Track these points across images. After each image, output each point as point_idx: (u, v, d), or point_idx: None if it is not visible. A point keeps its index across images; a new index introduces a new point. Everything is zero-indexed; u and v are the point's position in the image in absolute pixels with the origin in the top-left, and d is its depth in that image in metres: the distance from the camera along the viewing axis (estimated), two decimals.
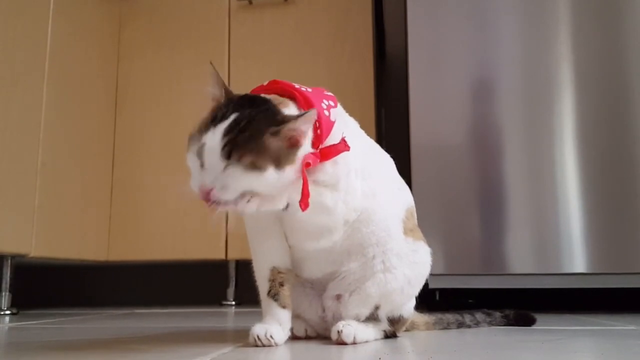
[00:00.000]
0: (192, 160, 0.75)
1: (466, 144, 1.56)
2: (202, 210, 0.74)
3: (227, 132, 0.72)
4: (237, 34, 2.12)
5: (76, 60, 1.92)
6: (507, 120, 1.55)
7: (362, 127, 0.93)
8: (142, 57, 2.17)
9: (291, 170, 0.75)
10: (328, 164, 0.80)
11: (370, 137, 0.95)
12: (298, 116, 0.74)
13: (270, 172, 0.73)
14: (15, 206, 1.60)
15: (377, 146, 0.95)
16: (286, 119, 0.74)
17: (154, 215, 2.06)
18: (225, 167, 0.72)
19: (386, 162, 0.95)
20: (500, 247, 1.50)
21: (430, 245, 0.93)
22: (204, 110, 0.81)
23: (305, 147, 0.76)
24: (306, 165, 0.76)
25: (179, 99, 2.12)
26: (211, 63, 0.81)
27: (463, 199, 1.53)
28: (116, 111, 2.16)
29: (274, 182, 0.74)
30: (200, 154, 0.73)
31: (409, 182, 0.97)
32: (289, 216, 0.81)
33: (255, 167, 0.72)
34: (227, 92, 0.79)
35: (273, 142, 0.73)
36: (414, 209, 0.95)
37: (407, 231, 0.89)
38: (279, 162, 0.73)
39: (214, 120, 0.74)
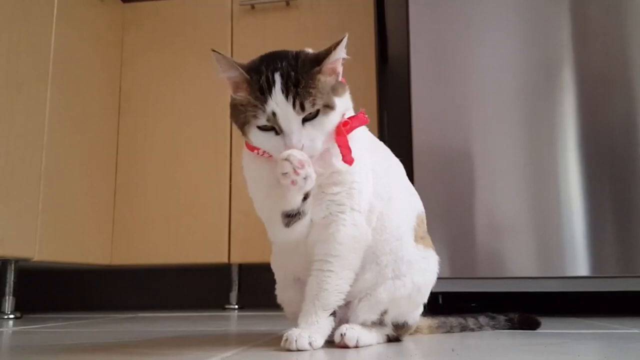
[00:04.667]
0: (260, 136, 0.77)
1: (469, 147, 1.55)
2: (205, 214, 0.75)
3: (287, 91, 0.75)
4: (240, 38, 2.12)
5: (80, 64, 1.93)
6: (510, 122, 1.55)
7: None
8: (145, 62, 2.18)
9: (348, 96, 0.82)
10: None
11: None
12: (332, 46, 0.78)
13: (339, 101, 0.79)
14: (19, 210, 1.61)
15: (388, 150, 0.95)
16: (322, 55, 0.78)
17: (157, 219, 2.06)
18: (305, 121, 0.76)
19: (398, 166, 0.94)
20: (504, 251, 1.49)
21: (434, 250, 0.93)
22: (224, 95, 0.82)
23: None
24: (344, 124, 0.79)
25: (181, 103, 2.12)
26: (214, 50, 0.82)
27: (466, 202, 1.53)
28: (119, 115, 2.16)
29: (344, 108, 0.80)
30: (272, 121, 0.75)
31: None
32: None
33: (328, 106, 0.77)
34: (243, 66, 0.80)
35: (323, 78, 0.78)
36: (424, 215, 0.95)
37: (417, 238, 0.89)
38: (337, 91, 0.79)
39: (261, 90, 0.76)
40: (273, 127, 0.76)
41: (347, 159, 0.78)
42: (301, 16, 2.08)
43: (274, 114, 0.75)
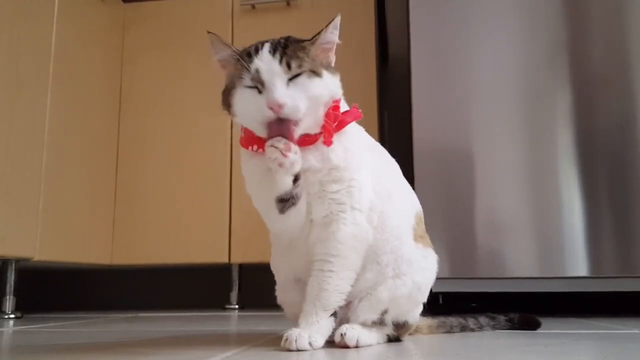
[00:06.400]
0: (245, 93, 0.76)
1: (469, 147, 1.55)
2: (206, 214, 0.75)
3: (274, 50, 0.75)
4: (240, 38, 2.12)
5: (80, 64, 1.93)
6: (510, 122, 1.55)
7: (364, 130, 0.93)
8: (145, 61, 2.18)
9: (337, 80, 0.80)
10: (339, 148, 0.81)
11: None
12: (325, 26, 0.79)
13: (327, 76, 0.78)
14: (20, 210, 1.61)
15: (384, 149, 0.95)
16: (314, 36, 0.79)
17: (158, 219, 2.06)
18: (290, 79, 0.75)
19: (395, 166, 0.95)
20: (504, 251, 1.49)
21: (433, 249, 0.93)
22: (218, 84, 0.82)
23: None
24: (334, 108, 0.79)
25: (182, 103, 2.13)
26: (209, 32, 0.81)
27: (466, 202, 1.53)
28: (120, 115, 2.16)
29: (332, 86, 0.78)
30: (256, 79, 0.75)
31: (411, 186, 0.97)
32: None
33: (315, 73, 0.76)
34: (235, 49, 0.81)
35: (314, 51, 0.79)
36: (422, 214, 0.95)
37: (417, 237, 0.89)
38: (327, 68, 0.79)
39: (249, 54, 0.77)
40: (256, 87, 0.76)
41: (327, 140, 0.78)
42: (302, 16, 2.08)
43: (257, 71, 0.75)
